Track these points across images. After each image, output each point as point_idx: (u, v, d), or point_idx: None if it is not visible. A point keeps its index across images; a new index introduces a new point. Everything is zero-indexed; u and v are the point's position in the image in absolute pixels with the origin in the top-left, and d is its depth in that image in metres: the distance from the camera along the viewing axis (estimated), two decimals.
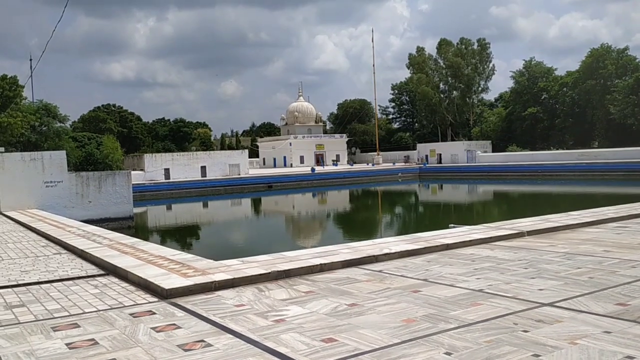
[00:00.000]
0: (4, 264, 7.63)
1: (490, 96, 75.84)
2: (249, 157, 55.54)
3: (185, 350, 3.62)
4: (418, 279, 5.49)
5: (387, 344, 3.56)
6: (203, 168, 44.95)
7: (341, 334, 3.82)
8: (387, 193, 43.86)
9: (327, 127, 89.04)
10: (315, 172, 49.10)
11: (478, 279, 5.40)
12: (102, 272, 6.72)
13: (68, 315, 4.66)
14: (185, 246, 18.93)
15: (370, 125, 77.83)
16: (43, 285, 6.03)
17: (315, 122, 73.01)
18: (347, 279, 5.71)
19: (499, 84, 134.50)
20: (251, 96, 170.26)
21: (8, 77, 38.71)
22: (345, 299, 4.81)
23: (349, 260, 6.40)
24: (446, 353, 3.36)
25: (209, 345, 3.70)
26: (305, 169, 52.92)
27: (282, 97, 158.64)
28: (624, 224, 8.71)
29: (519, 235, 7.98)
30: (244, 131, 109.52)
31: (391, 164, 59.91)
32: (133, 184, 23.56)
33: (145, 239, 13.86)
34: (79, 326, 4.29)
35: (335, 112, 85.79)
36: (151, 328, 4.15)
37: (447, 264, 6.21)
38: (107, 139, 38.63)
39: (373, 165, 60.28)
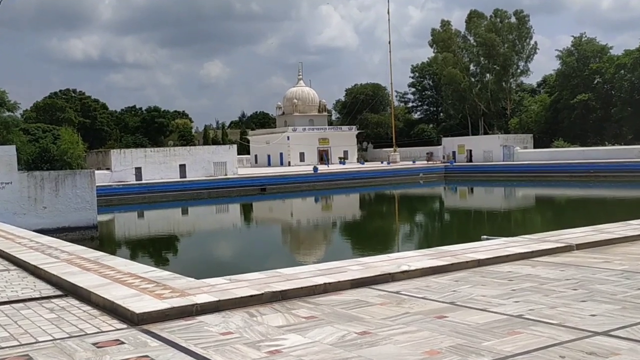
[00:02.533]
0: None
1: (531, 80, 75.95)
2: (238, 154, 55.69)
3: None
4: (444, 302, 5.48)
5: None
6: (182, 167, 45.10)
7: None
8: (406, 197, 43.83)
9: (333, 118, 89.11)
10: (319, 172, 49.19)
11: (517, 302, 5.38)
12: (59, 292, 6.73)
13: (18, 345, 4.66)
14: (160, 261, 18.99)
15: (386, 116, 77.84)
16: None
17: (319, 111, 73.16)
18: (357, 301, 5.70)
19: (542, 66, 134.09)
20: (240, 80, 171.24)
21: None
22: (355, 326, 4.81)
23: (360, 279, 6.39)
24: None
25: None
26: (306, 169, 53.03)
27: (278, 81, 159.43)
28: None
29: (567, 249, 7.96)
30: (231, 122, 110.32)
31: (411, 162, 59.97)
32: (97, 186, 23.66)
33: (112, 252, 13.82)
34: (30, 358, 4.30)
35: (343, 99, 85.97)
36: None
37: (478, 284, 6.20)
38: (66, 132, 38.85)
39: (389, 163, 60.37)
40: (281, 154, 66.10)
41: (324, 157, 65.68)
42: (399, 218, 31.35)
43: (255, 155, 70.14)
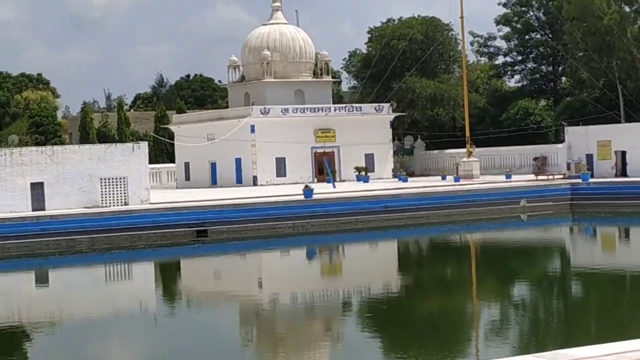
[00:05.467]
0: None
1: None
2: (153, 162, 55.41)
3: None
4: None
5: None
6: (37, 187, 44.89)
7: None
8: (493, 250, 43.65)
9: (344, 88, 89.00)
10: (315, 197, 49.11)
11: None
12: None
13: None
14: None
15: (450, 83, 77.75)
16: None
17: (315, 74, 73.20)
18: None
19: None
20: (155, 11, 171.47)
21: None
22: None
23: None
24: None
25: None
26: (290, 191, 52.95)
27: (232, 14, 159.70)
28: None
29: None
30: (138, 97, 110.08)
31: (502, 177, 59.87)
32: None
33: None
34: None
35: (364, 50, 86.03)
36: None
37: None
38: None
39: (458, 179, 60.24)
40: (238, 162, 66.03)
41: (325, 167, 65.38)
42: (478, 291, 31.20)
43: (187, 164, 69.97)
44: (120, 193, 46.59)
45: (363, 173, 64.56)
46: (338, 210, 48.52)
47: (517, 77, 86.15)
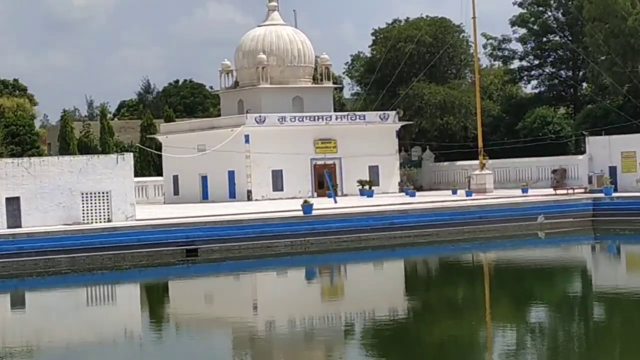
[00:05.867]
0: None
1: None
2: (139, 174, 55.19)
3: None
4: None
5: None
6: (12, 203, 44.77)
7: None
8: (508, 270, 43.63)
9: (347, 95, 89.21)
10: (315, 212, 49.01)
11: None
12: None
13: None
14: None
15: (461, 90, 77.54)
16: None
17: (314, 79, 73.09)
18: None
19: None
20: (140, 12, 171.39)
21: None
22: None
23: None
24: None
25: None
26: (287, 207, 52.90)
27: (225, 14, 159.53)
28: None
29: None
30: (122, 105, 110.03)
31: (518, 191, 59.81)
32: None
33: None
34: None
35: (367, 53, 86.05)
36: None
37: None
38: None
39: (469, 194, 60.17)
40: (231, 174, 65.93)
41: (326, 180, 65.23)
42: (491, 315, 31.16)
43: (175, 178, 69.91)
44: (103, 209, 46.41)
45: (367, 187, 64.46)
46: (340, 227, 48.46)
47: (534, 82, 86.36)
